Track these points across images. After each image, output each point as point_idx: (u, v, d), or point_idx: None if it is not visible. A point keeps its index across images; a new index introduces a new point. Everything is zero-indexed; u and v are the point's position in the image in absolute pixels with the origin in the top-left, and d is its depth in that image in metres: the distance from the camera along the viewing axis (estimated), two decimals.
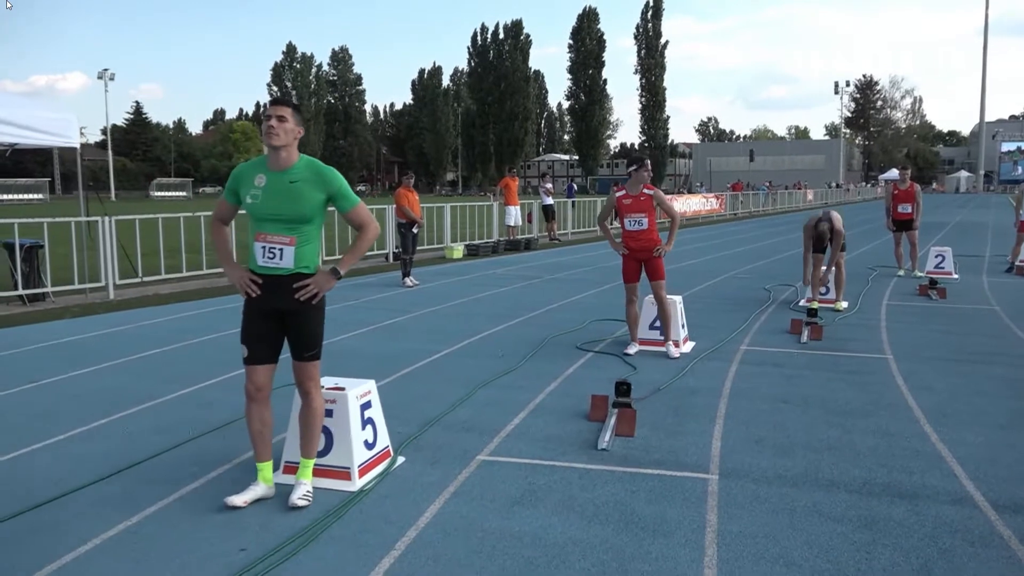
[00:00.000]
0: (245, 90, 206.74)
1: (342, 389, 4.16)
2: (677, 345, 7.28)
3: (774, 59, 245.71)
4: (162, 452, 4.60)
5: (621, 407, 5.05)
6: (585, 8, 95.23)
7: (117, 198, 66.56)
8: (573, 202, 25.40)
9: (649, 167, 7.29)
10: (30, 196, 63.60)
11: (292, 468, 4.09)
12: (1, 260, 10.47)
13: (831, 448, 4.68)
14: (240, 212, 4.02)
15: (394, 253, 15.40)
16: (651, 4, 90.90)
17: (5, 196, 60.01)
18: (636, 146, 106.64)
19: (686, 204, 33.10)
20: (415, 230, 12.50)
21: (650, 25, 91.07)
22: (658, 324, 7.34)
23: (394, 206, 12.98)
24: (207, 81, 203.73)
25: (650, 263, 7.20)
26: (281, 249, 3.79)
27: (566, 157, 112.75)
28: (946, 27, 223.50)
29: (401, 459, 4.46)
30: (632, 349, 7.26)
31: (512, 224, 19.66)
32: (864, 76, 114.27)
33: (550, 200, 21.74)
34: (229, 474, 4.25)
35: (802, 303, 9.75)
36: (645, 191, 7.15)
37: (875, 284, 12.11)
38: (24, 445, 4.73)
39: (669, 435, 4.92)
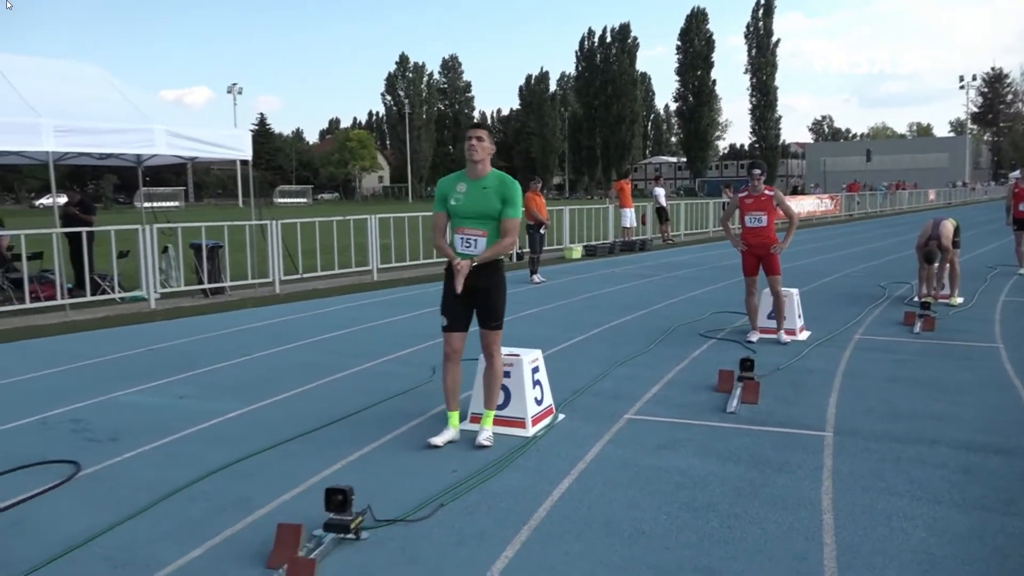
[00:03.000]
0: (359, 99, 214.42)
1: (517, 355, 5.16)
2: (789, 333, 7.96)
3: (892, 53, 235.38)
4: (368, 407, 5.71)
5: (746, 379, 5.85)
6: (694, 8, 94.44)
7: (244, 205, 71.02)
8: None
9: (766, 169, 8.00)
10: (168, 204, 68.70)
11: (477, 418, 5.10)
12: (188, 259, 12.06)
13: (936, 417, 5.33)
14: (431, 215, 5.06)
15: (518, 253, 16.45)
16: (762, 2, 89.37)
17: (147, 204, 65.12)
18: (746, 147, 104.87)
19: (799, 205, 32.89)
20: (542, 231, 13.50)
21: (761, 23, 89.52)
22: (773, 314, 8.04)
23: (522, 209, 14.00)
24: (322, 92, 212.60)
25: (767, 259, 7.91)
26: (476, 240, 4.82)
27: (673, 159, 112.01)
28: None
29: (562, 416, 5.41)
30: (754, 336, 7.99)
31: (627, 225, 20.42)
32: (992, 69, 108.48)
33: (664, 202, 22.37)
34: (425, 423, 5.29)
35: (916, 299, 10.16)
36: (766, 192, 7.88)
37: (993, 282, 12.27)
38: (256, 401, 5.93)
39: (789, 404, 5.68)
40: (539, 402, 5.22)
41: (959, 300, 10.14)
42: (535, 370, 5.24)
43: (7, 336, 8.75)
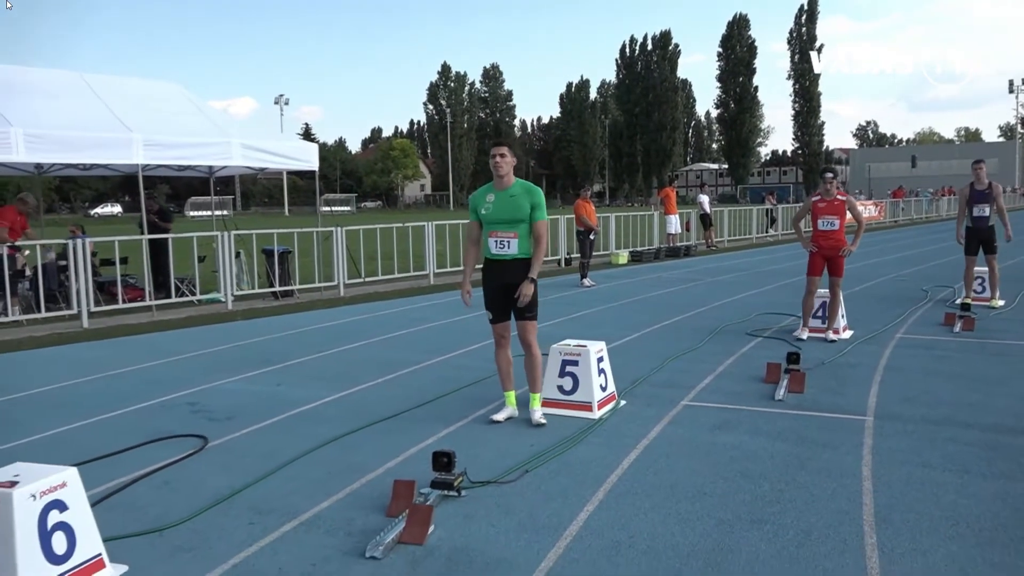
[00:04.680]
0: (400, 108, 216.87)
1: (584, 346, 5.74)
2: (836, 332, 8.41)
3: (939, 57, 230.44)
4: (446, 394, 6.34)
5: (792, 371, 6.36)
6: (736, 15, 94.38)
7: (291, 213, 72.69)
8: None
9: (838, 174, 8.49)
10: (217, 212, 70.64)
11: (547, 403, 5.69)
12: (260, 263, 12.86)
13: (971, 405, 5.79)
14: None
15: (566, 259, 17.04)
16: (805, 7, 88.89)
17: (196, 213, 66.96)
18: (788, 153, 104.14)
19: None
20: (592, 236, 14.07)
21: (803, 29, 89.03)
22: (820, 313, 8.50)
23: (572, 215, 14.60)
24: (363, 101, 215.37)
25: (834, 261, 8.38)
26: (508, 241, 5.43)
27: (714, 166, 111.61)
28: None
29: (623, 402, 5.98)
30: (804, 334, 8.45)
31: (672, 232, 20.88)
32: None
33: (708, 208, 22.79)
34: (498, 408, 5.87)
35: (958, 301, 10.50)
36: (839, 197, 8.37)
37: None
38: (345, 389, 6.60)
39: (833, 393, 6.18)
40: (603, 388, 5.80)
41: (1000, 303, 10.47)
42: (600, 360, 5.82)
43: (107, 334, 9.58)
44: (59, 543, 3.17)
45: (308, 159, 13.01)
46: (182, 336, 9.46)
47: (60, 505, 3.20)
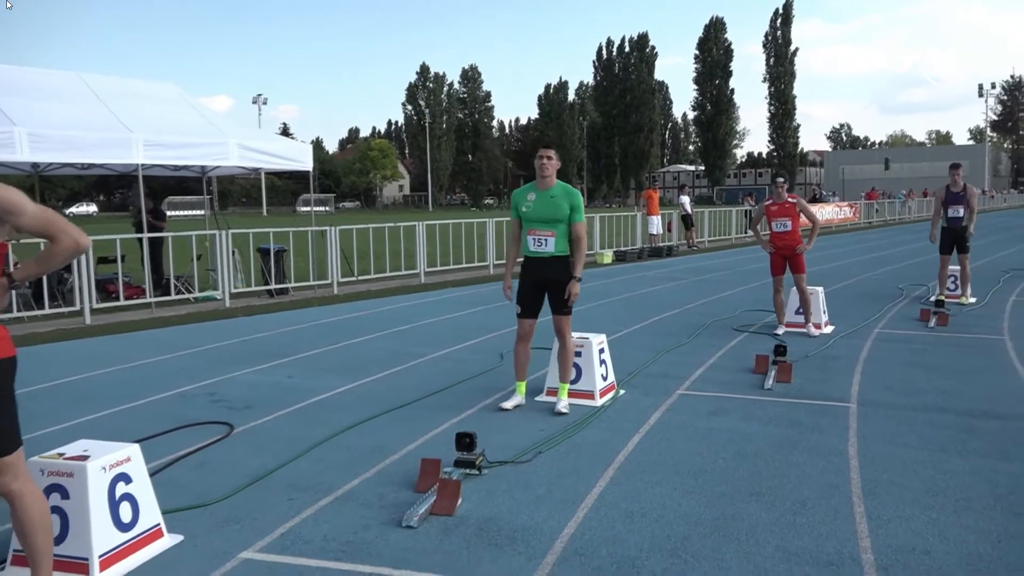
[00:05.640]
0: (378, 109, 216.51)
1: (587, 339, 6.10)
2: (816, 327, 8.84)
3: (912, 61, 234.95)
4: (454, 384, 6.65)
5: (779, 362, 6.75)
6: (712, 18, 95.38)
7: (268, 213, 72.51)
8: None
9: (788, 178, 8.91)
10: (193, 212, 70.13)
11: (552, 391, 6.04)
12: (256, 262, 13.09)
13: (946, 392, 6.21)
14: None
15: None
16: (780, 11, 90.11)
17: (173, 212, 66.57)
18: (764, 155, 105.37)
19: (819, 214, 33.64)
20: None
21: (779, 32, 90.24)
22: (800, 310, 8.92)
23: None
24: (340, 101, 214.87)
25: (793, 259, 8.80)
26: (546, 239, 5.76)
27: (691, 167, 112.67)
28: None
29: (622, 391, 6.33)
30: (780, 330, 8.87)
31: (654, 232, 21.33)
32: (1012, 77, 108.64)
33: (689, 209, 23.26)
34: (505, 397, 6.21)
35: (932, 298, 10.99)
36: (789, 199, 8.78)
37: (1007, 284, 13.07)
38: (355, 380, 6.89)
39: (817, 383, 6.58)
40: (604, 378, 6.15)
41: (972, 300, 10.97)
42: (601, 351, 6.17)
43: (111, 329, 9.78)
44: (125, 512, 3.46)
45: (302, 159, 13.26)
46: (185, 332, 9.68)
47: (125, 478, 3.49)
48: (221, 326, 10.09)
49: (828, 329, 9.01)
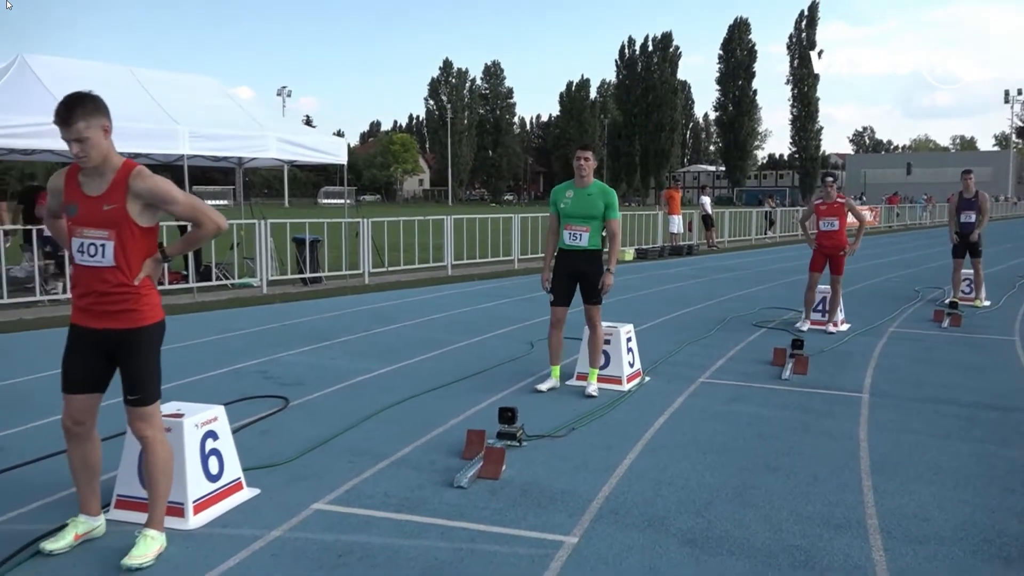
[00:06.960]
0: (399, 103, 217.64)
1: (616, 327, 6.52)
2: (836, 325, 9.20)
3: (938, 64, 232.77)
4: (489, 368, 7.09)
5: (796, 355, 7.14)
6: (736, 19, 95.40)
7: (290, 205, 73.31)
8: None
9: (838, 178, 9.28)
10: (217, 202, 71.11)
11: (583, 376, 6.46)
12: (291, 252, 13.59)
13: (954, 386, 6.57)
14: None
15: None
16: (805, 12, 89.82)
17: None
18: (785, 157, 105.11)
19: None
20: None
21: (803, 35, 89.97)
22: (821, 308, 9.29)
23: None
24: (360, 94, 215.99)
25: (835, 259, 9.16)
26: (580, 234, 6.18)
27: (712, 168, 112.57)
28: None
29: (648, 378, 6.74)
30: (804, 326, 9.23)
31: (675, 231, 21.67)
32: None
33: (710, 210, 23.59)
34: (538, 381, 6.64)
35: (946, 300, 11.30)
36: (838, 199, 9.13)
37: (1022, 289, 13.34)
38: (395, 363, 7.34)
39: (832, 376, 6.96)
40: (631, 365, 6.57)
41: (986, 303, 11.27)
42: (628, 339, 6.59)
43: None
44: (213, 465, 3.92)
45: (337, 153, 13.73)
46: (228, 315, 10.18)
47: (213, 435, 3.95)
48: (261, 311, 10.58)
49: (845, 327, 9.36)
